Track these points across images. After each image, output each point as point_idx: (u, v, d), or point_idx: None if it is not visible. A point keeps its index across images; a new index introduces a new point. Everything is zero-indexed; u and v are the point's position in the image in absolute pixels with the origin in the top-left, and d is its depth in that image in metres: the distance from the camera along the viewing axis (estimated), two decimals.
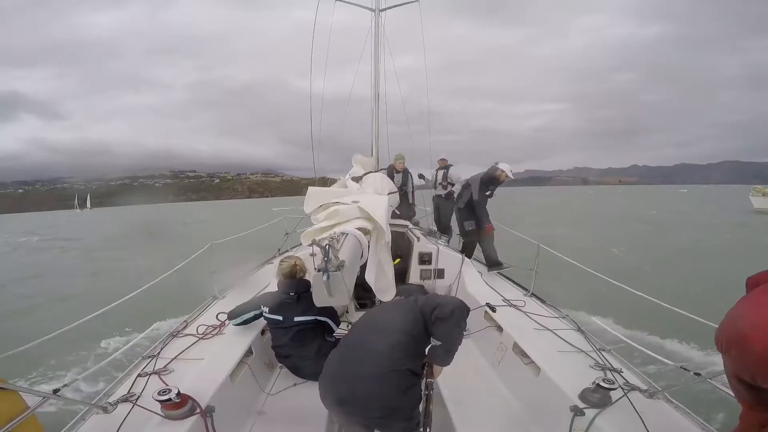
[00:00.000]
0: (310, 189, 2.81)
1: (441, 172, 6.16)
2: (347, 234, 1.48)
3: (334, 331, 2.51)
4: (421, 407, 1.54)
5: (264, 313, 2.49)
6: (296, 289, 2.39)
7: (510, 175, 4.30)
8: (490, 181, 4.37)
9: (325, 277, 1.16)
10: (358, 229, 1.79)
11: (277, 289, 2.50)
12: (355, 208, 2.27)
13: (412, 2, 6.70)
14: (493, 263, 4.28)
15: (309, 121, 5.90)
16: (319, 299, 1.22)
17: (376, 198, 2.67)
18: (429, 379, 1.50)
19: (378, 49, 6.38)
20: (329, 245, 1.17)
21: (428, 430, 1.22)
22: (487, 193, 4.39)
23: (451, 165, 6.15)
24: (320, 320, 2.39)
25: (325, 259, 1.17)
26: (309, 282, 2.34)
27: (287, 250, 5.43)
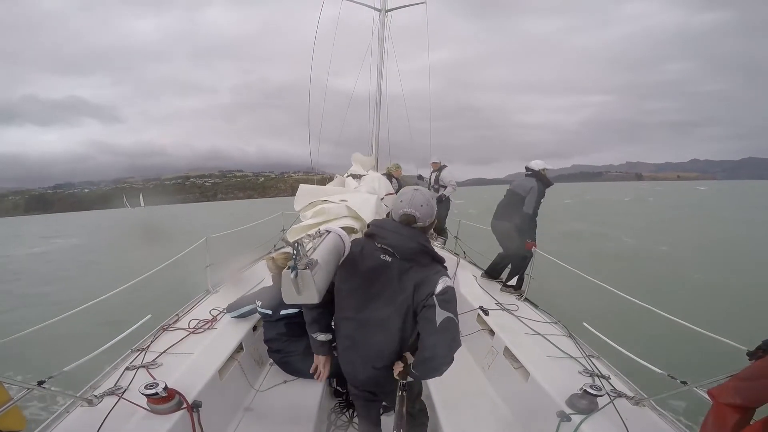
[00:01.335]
0: (301, 187, 2.79)
1: (434, 175, 6.21)
2: (330, 232, 1.46)
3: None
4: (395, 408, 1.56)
5: (257, 308, 2.49)
6: None
7: (548, 166, 3.69)
8: (547, 185, 3.62)
9: (293, 275, 1.15)
10: (343, 227, 1.78)
11: (272, 283, 2.50)
12: (342, 206, 2.26)
13: (419, 4, 6.71)
14: (520, 284, 3.72)
15: (343, 120, 6.04)
16: (288, 296, 1.21)
17: (365, 196, 2.65)
18: (402, 380, 1.49)
19: (383, 50, 6.41)
20: (298, 243, 1.17)
21: None
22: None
23: (444, 166, 6.17)
24: None
25: (295, 256, 1.16)
26: None
27: (282, 247, 5.44)
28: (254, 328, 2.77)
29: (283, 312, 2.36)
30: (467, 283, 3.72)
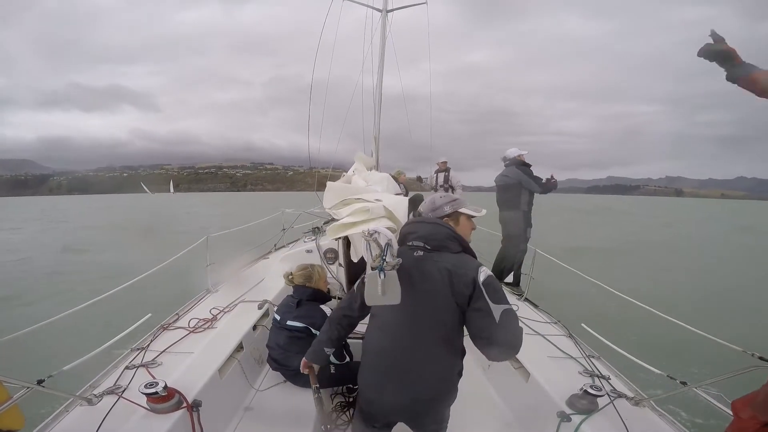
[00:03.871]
0: (329, 184, 2.79)
1: (441, 175, 6.06)
2: (379, 233, 1.43)
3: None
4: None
5: (273, 311, 2.54)
6: (300, 294, 2.44)
7: (523, 152, 3.91)
8: (528, 166, 3.82)
9: (382, 276, 1.14)
10: (387, 228, 1.78)
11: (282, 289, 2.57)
12: (380, 206, 2.21)
13: (420, 4, 6.70)
14: (517, 281, 3.93)
15: (371, 118, 6.11)
16: (371, 298, 1.20)
17: (398, 198, 2.61)
18: (315, 385, 1.57)
19: (384, 50, 6.40)
20: (389, 244, 1.16)
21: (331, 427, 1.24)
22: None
23: (450, 168, 6.12)
24: (313, 331, 2.32)
25: (384, 257, 1.15)
26: (313, 290, 2.45)
27: (283, 246, 5.43)
28: (254, 327, 2.77)
29: (289, 323, 2.35)
30: None
